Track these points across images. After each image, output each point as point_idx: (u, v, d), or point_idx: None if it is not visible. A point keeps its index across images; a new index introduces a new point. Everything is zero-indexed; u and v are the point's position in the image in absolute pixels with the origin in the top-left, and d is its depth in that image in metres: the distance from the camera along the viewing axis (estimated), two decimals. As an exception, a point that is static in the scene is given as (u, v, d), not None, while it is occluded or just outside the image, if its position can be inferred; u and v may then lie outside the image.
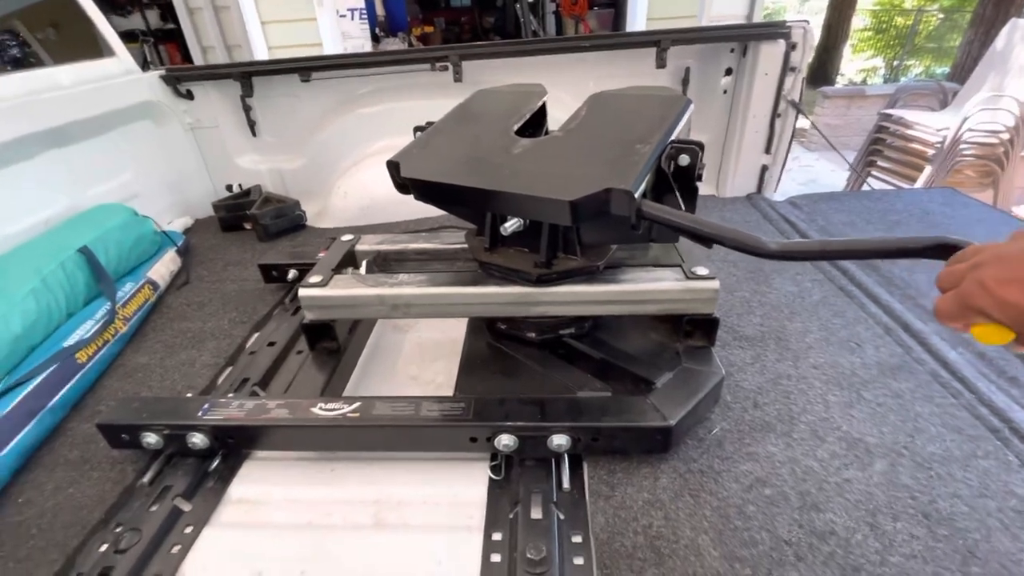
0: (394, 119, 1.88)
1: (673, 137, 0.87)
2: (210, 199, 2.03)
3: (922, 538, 0.74)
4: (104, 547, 0.79)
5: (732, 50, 1.73)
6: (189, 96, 1.85)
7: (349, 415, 0.88)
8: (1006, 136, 3.34)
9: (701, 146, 0.85)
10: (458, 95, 1.81)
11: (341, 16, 5.09)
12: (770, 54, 1.64)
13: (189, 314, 1.40)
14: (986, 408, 0.94)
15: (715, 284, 0.93)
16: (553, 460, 0.87)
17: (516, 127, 1.00)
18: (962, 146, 3.37)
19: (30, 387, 1.00)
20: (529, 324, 1.07)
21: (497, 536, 0.78)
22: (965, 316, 0.50)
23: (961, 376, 1.01)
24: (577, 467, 0.87)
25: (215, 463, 0.92)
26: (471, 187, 0.85)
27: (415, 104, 1.86)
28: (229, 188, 2.04)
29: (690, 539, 0.75)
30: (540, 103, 1.09)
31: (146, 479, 0.90)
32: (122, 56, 1.75)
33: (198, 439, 0.88)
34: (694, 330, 0.99)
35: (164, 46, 6.17)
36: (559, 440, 0.83)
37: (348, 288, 1.00)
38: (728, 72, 1.77)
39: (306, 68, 1.75)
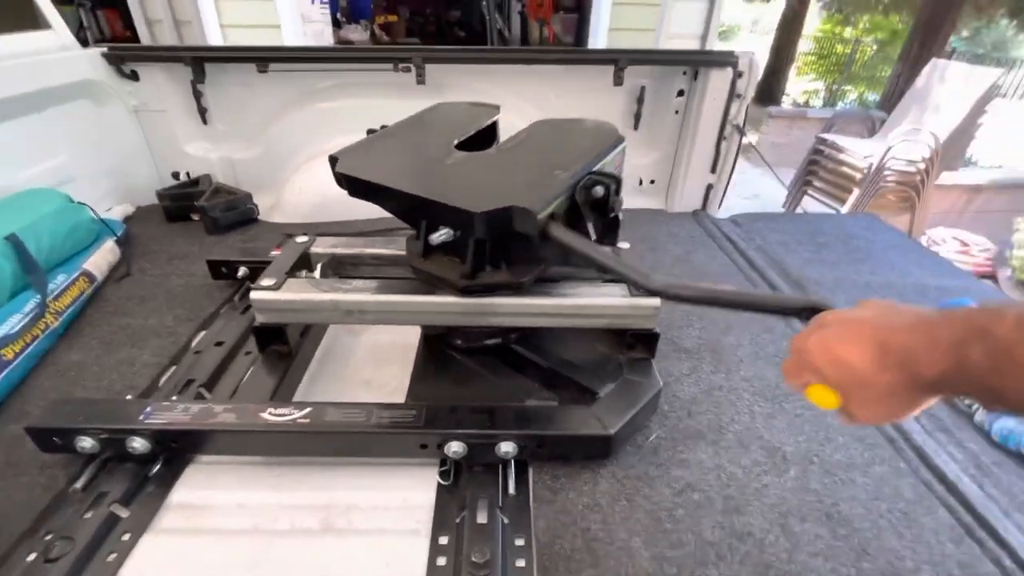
0: (353, 116, 1.84)
1: (598, 168, 0.92)
2: (154, 186, 1.93)
3: (825, 537, 0.83)
4: (32, 556, 0.77)
5: (684, 73, 1.82)
6: (134, 77, 1.76)
7: (300, 421, 0.88)
8: (923, 167, 3.67)
9: (618, 181, 0.90)
10: (420, 96, 1.83)
11: (301, -3, 4.91)
12: (719, 80, 1.75)
13: (129, 309, 1.34)
14: (886, 420, 1.06)
15: (656, 302, 0.99)
16: (500, 466, 0.91)
17: (458, 141, 1.05)
18: (885, 172, 3.68)
19: (-52, 385, 0.94)
20: (457, 332, 1.11)
21: (443, 540, 0.81)
22: (802, 375, 0.53)
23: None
24: (523, 472, 0.91)
25: (156, 468, 0.90)
26: (395, 189, 0.89)
27: (375, 102, 1.85)
28: (175, 176, 1.95)
29: (624, 541, 0.81)
30: (489, 122, 1.14)
31: (79, 484, 0.87)
32: (59, 29, 1.63)
33: (139, 444, 0.86)
34: (636, 343, 1.05)
35: (103, 11, 5.75)
36: (506, 447, 0.88)
37: (302, 292, 0.99)
38: (680, 93, 1.87)
39: (264, 58, 1.70)
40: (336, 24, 6.50)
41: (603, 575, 0.76)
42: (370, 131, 1.14)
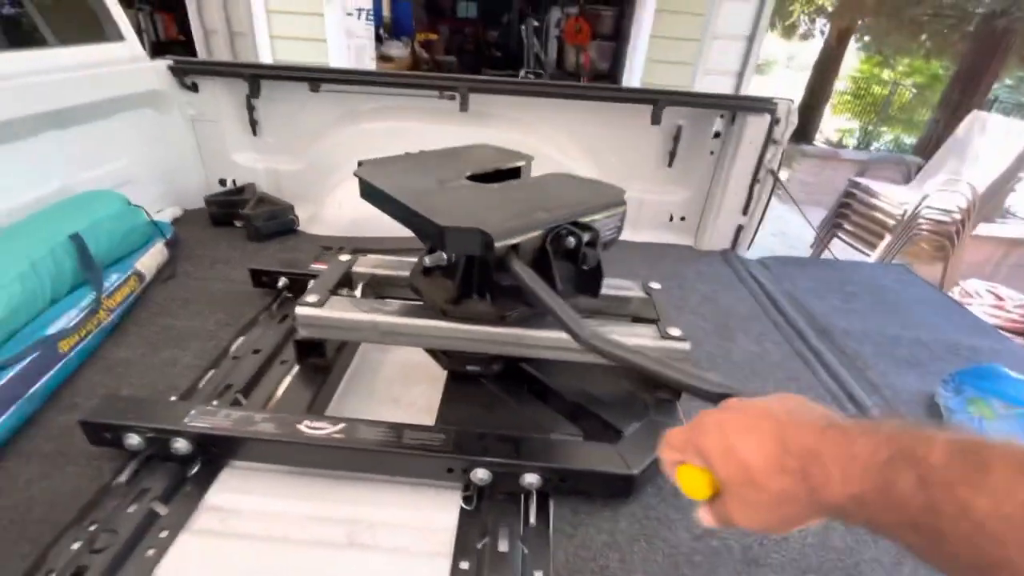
0: (395, 137, 1.91)
1: (583, 221, 0.93)
2: (201, 191, 2.03)
3: (844, 599, 0.83)
4: (77, 545, 0.81)
5: (722, 116, 1.85)
6: (194, 88, 1.86)
7: (334, 436, 0.92)
8: (959, 217, 3.61)
9: (595, 236, 0.91)
10: (461, 123, 1.89)
11: (348, 14, 5.12)
12: (756, 125, 1.77)
13: (173, 311, 1.41)
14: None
15: (687, 346, 1.01)
16: (523, 496, 0.93)
17: (471, 173, 1.09)
18: (919, 221, 3.63)
19: (10, 374, 1.00)
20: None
21: (464, 565, 0.83)
22: (684, 452, 0.49)
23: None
24: (544, 504, 0.93)
25: (194, 469, 0.94)
26: (391, 195, 0.96)
27: (418, 126, 1.92)
28: (222, 183, 2.04)
29: (641, 583, 0.82)
30: (511, 165, 1.17)
31: (123, 478, 0.91)
32: (131, 41, 1.75)
33: (182, 445, 0.91)
34: (661, 384, 1.07)
35: (160, 15, 6.05)
36: (530, 478, 0.89)
37: (343, 311, 1.04)
38: (716, 135, 1.89)
39: (317, 79, 1.79)
40: (378, 39, 6.72)
41: (619, 616, 0.77)
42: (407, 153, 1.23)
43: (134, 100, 1.72)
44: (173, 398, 1.09)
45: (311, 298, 1.05)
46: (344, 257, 1.23)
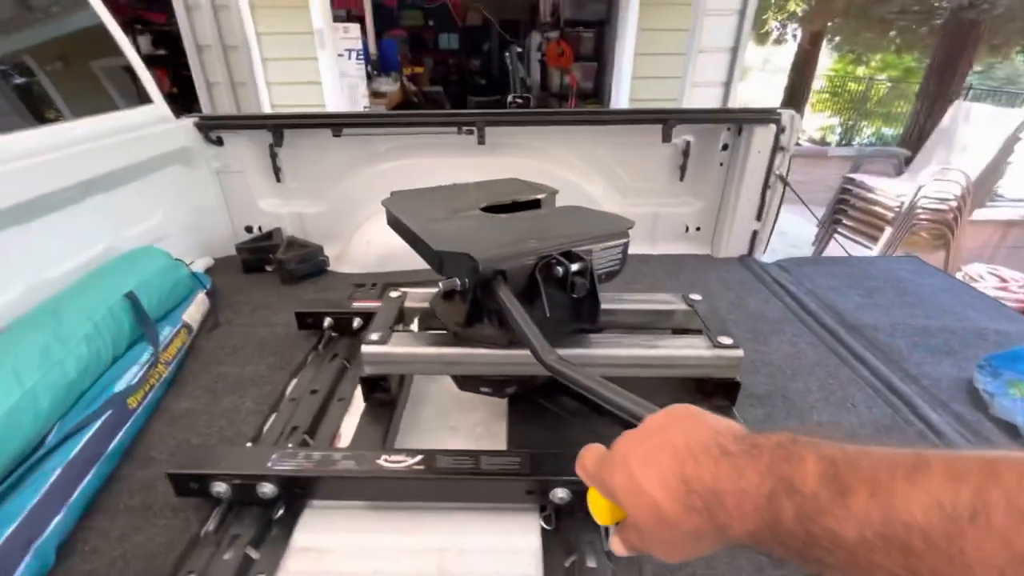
0: (416, 173, 1.99)
1: (577, 251, 0.95)
2: (229, 239, 2.08)
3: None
4: (179, 596, 0.83)
5: (728, 128, 1.93)
6: (219, 143, 1.93)
7: (414, 468, 0.95)
8: (955, 204, 3.71)
9: (585, 267, 0.93)
10: (478, 155, 1.96)
11: (339, 55, 5.28)
12: (762, 135, 1.85)
13: (224, 358, 1.44)
14: (967, 466, 1.08)
15: (740, 352, 1.05)
16: (599, 512, 0.96)
17: (487, 204, 1.14)
18: (917, 211, 3.72)
19: (89, 433, 1.03)
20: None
21: (558, 586, 0.86)
22: (595, 483, 0.48)
23: (944, 436, 1.16)
24: (621, 518, 0.96)
25: (279, 512, 0.97)
26: (404, 223, 1.04)
27: (437, 161, 1.99)
28: (249, 230, 2.10)
29: (730, 584, 0.85)
30: (530, 198, 1.21)
31: (211, 527, 0.94)
32: (158, 103, 1.82)
33: (268, 489, 0.93)
34: (716, 391, 1.11)
35: (154, 70, 6.21)
36: (608, 493, 0.92)
37: (408, 346, 1.08)
38: (724, 147, 1.97)
39: (338, 124, 1.86)
40: (368, 77, 6.89)
41: (716, 620, 0.80)
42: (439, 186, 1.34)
43: (165, 158, 1.78)
44: (248, 444, 1.11)
45: (375, 336, 1.08)
46: (395, 294, 1.27)
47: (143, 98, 1.79)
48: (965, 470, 0.29)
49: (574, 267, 0.93)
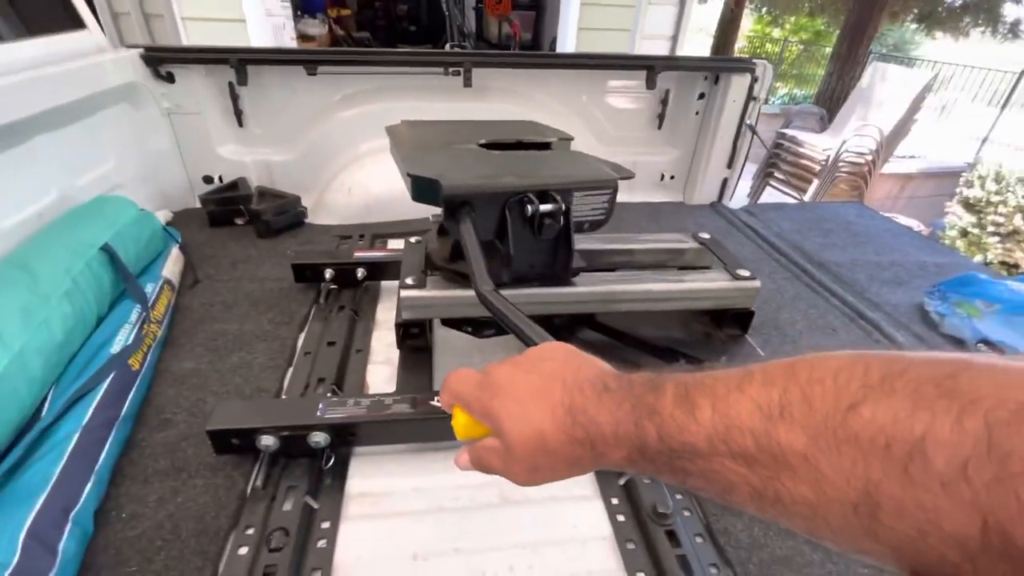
0: (397, 117, 1.88)
1: (556, 189, 0.92)
2: (184, 190, 1.89)
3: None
4: (244, 550, 0.80)
5: (706, 78, 1.99)
6: (170, 79, 1.70)
7: (469, 406, 0.96)
8: (870, 158, 4.11)
9: (558, 207, 0.90)
10: (463, 100, 1.90)
11: (262, -7, 4.76)
12: (739, 84, 1.93)
13: (218, 315, 1.33)
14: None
15: (757, 283, 1.14)
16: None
17: (485, 141, 1.11)
18: (840, 164, 4.08)
19: (98, 397, 0.94)
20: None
21: (614, 500, 0.92)
22: (472, 408, 0.49)
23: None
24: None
25: (329, 462, 0.94)
26: (393, 147, 1.05)
27: (418, 105, 1.89)
28: (208, 180, 1.91)
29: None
30: (537, 139, 1.16)
31: (259, 482, 0.90)
32: (92, 28, 1.57)
33: (320, 438, 0.90)
34: (730, 321, 1.20)
35: None
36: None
37: (444, 289, 1.06)
38: (701, 96, 2.04)
39: (313, 61, 1.70)
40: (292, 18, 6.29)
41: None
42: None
43: (111, 96, 1.55)
44: (284, 396, 1.06)
45: (410, 280, 1.05)
46: (414, 239, 1.23)
47: (73, 22, 1.53)
48: (775, 375, 0.33)
49: (544, 207, 0.90)
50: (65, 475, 0.80)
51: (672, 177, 2.22)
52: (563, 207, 0.92)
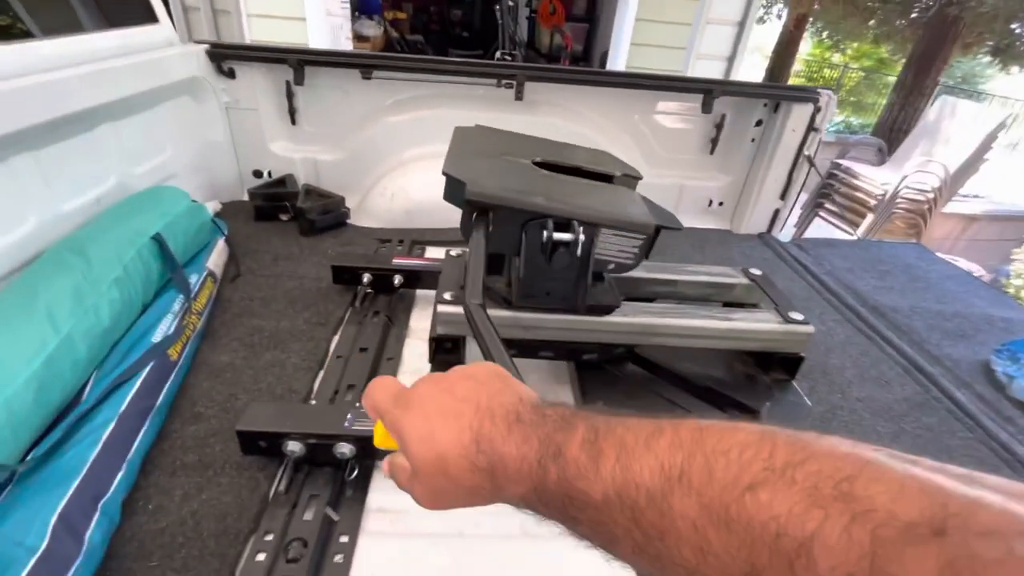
0: (444, 126, 1.88)
1: (580, 220, 0.89)
2: (235, 183, 1.94)
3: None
4: (263, 556, 0.80)
5: (765, 105, 1.92)
6: (231, 75, 1.76)
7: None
8: (932, 196, 3.90)
9: (572, 239, 0.87)
10: (514, 112, 1.88)
11: (324, -7, 4.92)
12: (799, 114, 1.85)
13: (256, 311, 1.35)
14: (995, 443, 1.17)
15: (811, 328, 1.08)
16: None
17: (540, 159, 1.08)
18: (898, 200, 3.89)
19: (136, 386, 0.95)
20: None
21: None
22: (385, 421, 0.46)
23: (971, 414, 1.24)
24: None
25: (353, 473, 0.93)
26: (449, 149, 1.04)
27: (468, 115, 1.87)
28: (257, 174, 1.95)
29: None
30: (599, 170, 1.13)
31: (282, 487, 0.90)
32: (164, 23, 1.63)
33: (347, 449, 0.89)
34: (778, 365, 1.14)
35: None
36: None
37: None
38: (758, 123, 1.97)
39: (368, 65, 1.72)
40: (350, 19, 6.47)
41: None
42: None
43: (174, 88, 1.60)
44: (313, 401, 1.06)
45: (447, 295, 1.04)
46: (455, 252, 1.22)
47: (148, 16, 1.59)
48: (685, 438, 0.32)
49: (558, 235, 0.87)
50: (98, 463, 0.81)
51: (721, 204, 2.15)
52: (580, 239, 0.88)
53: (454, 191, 0.90)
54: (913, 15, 8.14)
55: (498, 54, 7.21)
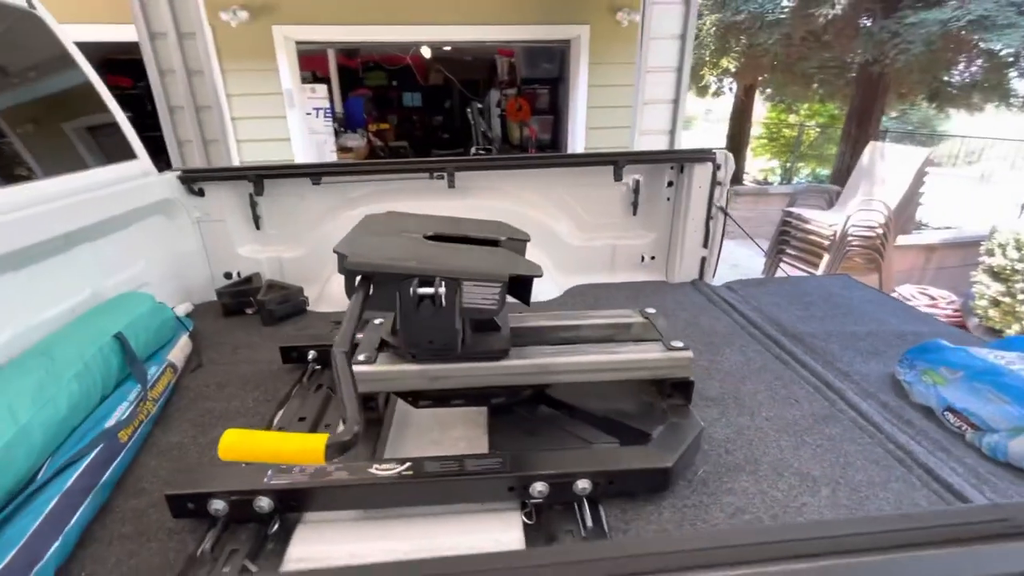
0: (391, 216, 2.12)
1: (448, 277, 1.03)
2: (208, 285, 2.14)
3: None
4: (182, 610, 0.87)
5: (672, 167, 2.17)
6: (200, 194, 2.02)
7: (404, 473, 1.02)
8: (880, 231, 4.10)
9: (434, 294, 1.01)
10: (450, 199, 2.12)
11: (307, 114, 5.51)
12: (701, 172, 2.08)
13: (210, 394, 1.48)
14: (892, 444, 1.23)
15: (689, 353, 1.19)
16: (576, 505, 1.05)
17: (432, 232, 1.25)
18: (849, 238, 4.09)
19: (82, 466, 1.07)
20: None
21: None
22: None
23: (873, 422, 1.31)
24: (595, 509, 1.05)
25: (274, 527, 1.01)
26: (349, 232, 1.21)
27: (410, 204, 2.12)
28: (228, 276, 2.16)
29: (695, 557, 0.94)
30: (485, 236, 1.29)
31: (208, 545, 0.98)
32: (142, 158, 1.91)
33: (265, 503, 0.99)
34: (674, 391, 1.24)
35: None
36: (583, 484, 1.02)
37: (393, 365, 1.17)
38: (670, 184, 2.20)
39: (317, 173, 1.99)
40: (336, 133, 7.13)
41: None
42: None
43: (148, 209, 1.85)
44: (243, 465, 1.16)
45: (362, 356, 1.18)
46: (377, 321, 1.37)
47: (128, 154, 1.88)
48: None
49: (422, 290, 1.02)
50: (37, 533, 0.91)
51: (653, 258, 2.33)
52: (441, 291, 1.03)
53: (341, 263, 1.07)
54: (851, 75, 8.91)
55: (473, 149, 7.86)
